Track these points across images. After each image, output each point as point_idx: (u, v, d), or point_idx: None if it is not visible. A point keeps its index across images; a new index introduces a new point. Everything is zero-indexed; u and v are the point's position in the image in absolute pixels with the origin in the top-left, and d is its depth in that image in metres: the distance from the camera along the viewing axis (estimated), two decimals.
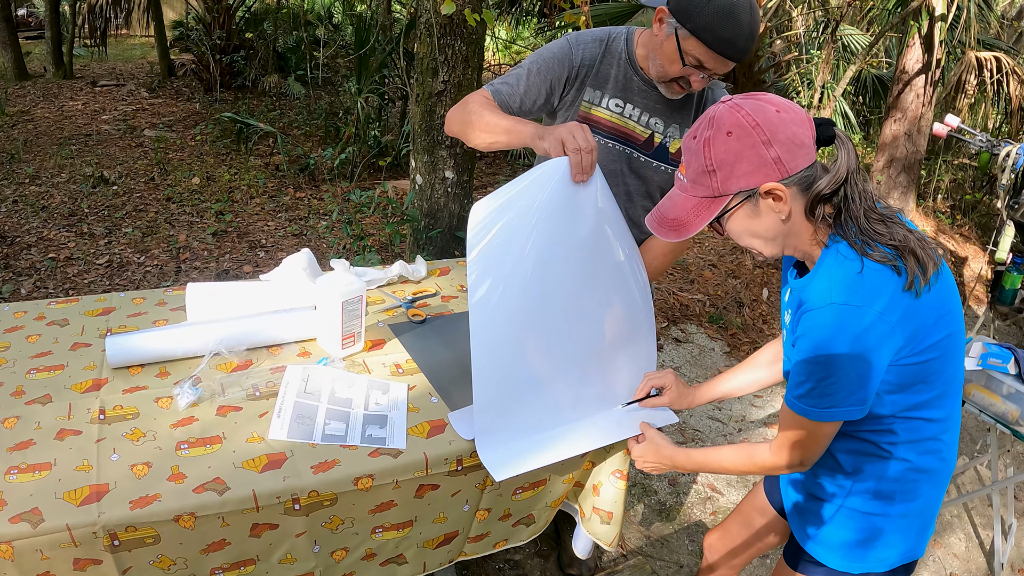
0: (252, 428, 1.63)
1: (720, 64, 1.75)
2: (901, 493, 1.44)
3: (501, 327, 1.63)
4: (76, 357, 1.82)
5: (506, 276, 1.61)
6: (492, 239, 1.59)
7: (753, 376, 1.82)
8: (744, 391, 1.84)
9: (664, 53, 1.81)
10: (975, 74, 6.87)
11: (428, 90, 3.45)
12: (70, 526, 1.33)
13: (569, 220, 1.69)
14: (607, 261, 1.81)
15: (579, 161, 1.63)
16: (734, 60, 1.74)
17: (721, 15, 1.68)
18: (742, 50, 1.72)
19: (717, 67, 1.76)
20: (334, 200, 5.75)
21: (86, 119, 7.48)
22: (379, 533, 1.67)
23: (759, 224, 1.33)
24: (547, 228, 1.65)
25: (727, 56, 1.72)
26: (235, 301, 2.00)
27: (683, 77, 1.83)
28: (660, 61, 1.83)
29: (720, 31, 1.69)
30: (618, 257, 1.83)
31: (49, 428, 1.56)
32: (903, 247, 1.26)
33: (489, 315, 1.60)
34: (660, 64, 1.84)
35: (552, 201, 1.65)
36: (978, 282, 5.79)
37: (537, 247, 1.64)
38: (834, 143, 1.31)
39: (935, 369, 1.33)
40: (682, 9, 1.72)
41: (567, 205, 1.68)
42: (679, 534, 2.85)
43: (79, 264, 4.44)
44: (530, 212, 1.63)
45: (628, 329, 1.90)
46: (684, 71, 1.80)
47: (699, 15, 1.70)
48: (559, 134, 1.64)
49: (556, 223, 1.67)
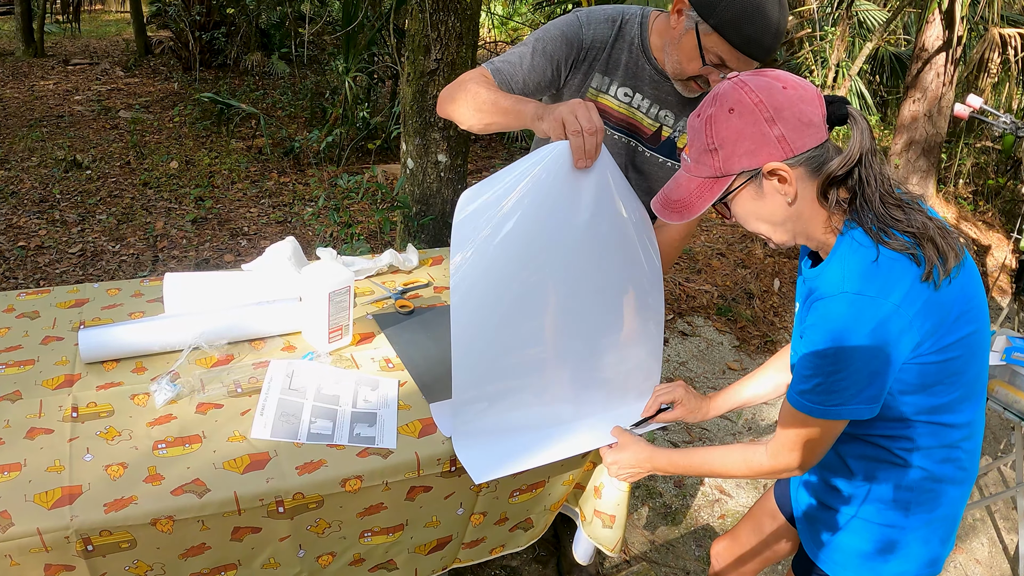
0: (233, 427, 1.63)
1: (743, 64, 1.68)
2: (917, 503, 1.43)
3: (484, 321, 1.62)
4: (47, 351, 1.82)
5: (492, 270, 1.59)
6: (478, 232, 1.55)
7: (773, 381, 1.78)
8: (764, 398, 1.81)
9: (682, 49, 1.74)
10: (999, 52, 6.85)
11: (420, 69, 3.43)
12: (41, 530, 1.32)
13: (567, 212, 1.64)
14: (614, 257, 1.78)
15: (580, 145, 1.55)
16: (758, 60, 1.67)
17: (749, 10, 1.60)
18: (768, 49, 1.65)
19: (740, 67, 1.67)
20: (320, 185, 5.74)
21: (58, 100, 7.45)
22: (368, 537, 1.67)
23: (764, 207, 1.32)
24: (541, 222, 1.61)
25: (752, 55, 1.65)
26: (215, 292, 1.99)
27: (702, 76, 1.76)
28: (677, 57, 1.76)
29: (746, 28, 1.61)
30: (631, 253, 1.80)
31: (19, 426, 1.56)
32: (922, 235, 1.25)
33: (471, 308, 1.59)
34: (677, 60, 1.77)
35: (548, 191, 1.59)
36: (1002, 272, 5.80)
37: (530, 243, 1.61)
38: (847, 122, 1.30)
39: (957, 369, 1.31)
40: (705, 2, 1.64)
41: (565, 195, 1.62)
42: (685, 539, 2.86)
43: (50, 253, 4.43)
44: (521, 204, 1.57)
45: (632, 329, 1.89)
46: (704, 70, 1.73)
47: (724, 9, 1.61)
48: (560, 114, 1.56)
49: (551, 216, 1.62)
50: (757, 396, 1.81)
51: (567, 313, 1.75)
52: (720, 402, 1.84)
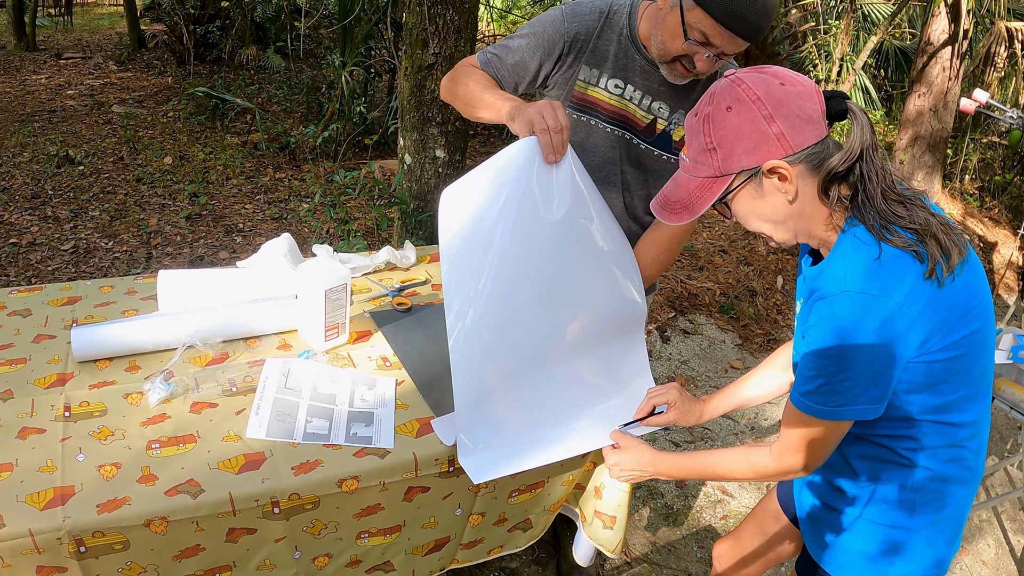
0: (228, 426, 1.63)
1: (729, 41, 1.67)
2: (923, 504, 1.43)
3: (478, 322, 1.63)
4: (39, 350, 1.82)
5: (480, 269, 1.61)
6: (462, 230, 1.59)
7: (770, 382, 1.77)
8: (760, 400, 1.80)
9: (666, 27, 1.74)
10: (1005, 46, 6.85)
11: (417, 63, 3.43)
12: (33, 531, 1.33)
13: (542, 204, 1.68)
14: (586, 249, 1.80)
15: (548, 141, 1.63)
16: (745, 38, 1.67)
17: None
18: (753, 26, 1.64)
19: (725, 44, 1.68)
20: (316, 181, 5.74)
21: (50, 94, 7.44)
22: (364, 539, 1.67)
23: (765, 206, 1.32)
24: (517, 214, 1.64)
25: (736, 32, 1.65)
26: (210, 290, 1.99)
27: (687, 56, 1.75)
28: (662, 36, 1.76)
29: (729, 2, 1.62)
30: (598, 243, 1.82)
31: (10, 426, 1.56)
32: (924, 231, 1.25)
33: (465, 309, 1.60)
34: (662, 40, 1.76)
35: (523, 184, 1.65)
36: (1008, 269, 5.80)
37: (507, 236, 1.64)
38: (847, 118, 1.30)
39: (962, 367, 1.31)
40: None
41: (539, 188, 1.67)
42: (687, 540, 2.86)
43: (43, 250, 4.43)
44: (499, 198, 1.62)
45: (614, 323, 1.90)
46: (687, 47, 1.72)
47: None
48: (528, 115, 1.64)
49: (527, 208, 1.66)
50: (753, 398, 1.80)
51: (552, 315, 1.77)
52: (715, 404, 1.83)
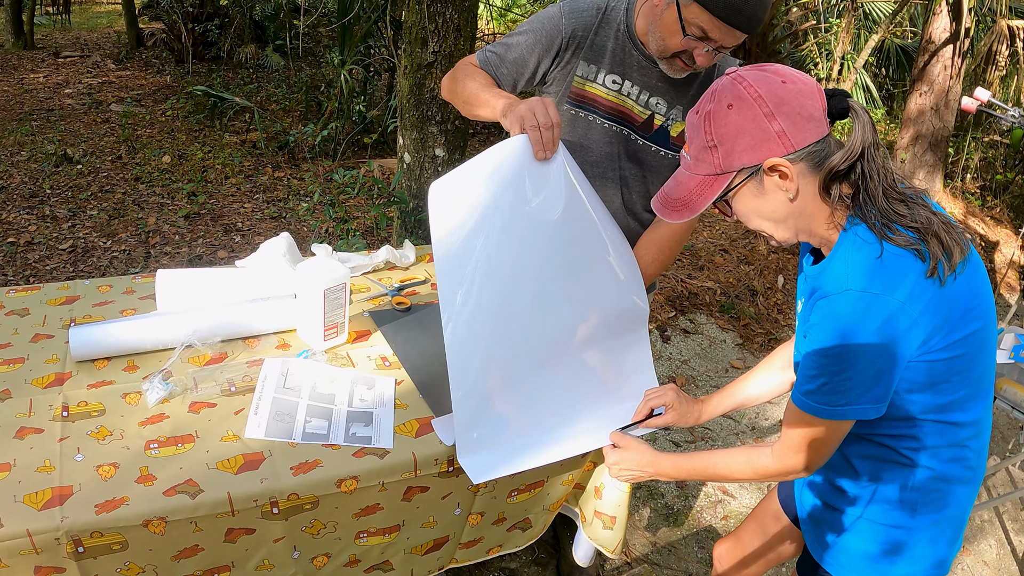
0: (227, 426, 1.63)
1: (726, 35, 1.68)
2: (924, 504, 1.43)
3: (473, 320, 1.63)
4: (37, 349, 1.82)
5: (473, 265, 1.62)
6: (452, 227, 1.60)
7: (769, 382, 1.77)
8: (760, 399, 1.80)
9: (664, 24, 1.74)
10: (1007, 44, 6.84)
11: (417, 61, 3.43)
12: (31, 531, 1.33)
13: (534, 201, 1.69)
14: (581, 247, 1.80)
15: (538, 138, 1.65)
16: (742, 31, 1.67)
17: None
18: (750, 18, 1.65)
19: (723, 38, 1.69)
20: (315, 180, 5.74)
21: (48, 93, 7.44)
22: (363, 538, 1.68)
23: (766, 204, 1.32)
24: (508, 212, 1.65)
25: (733, 24, 1.66)
26: (209, 289, 1.99)
27: (686, 52, 1.76)
28: (660, 33, 1.77)
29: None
30: (593, 241, 1.82)
31: (8, 426, 1.56)
32: (926, 230, 1.25)
33: (459, 308, 1.61)
34: (660, 36, 1.77)
35: (514, 182, 1.66)
36: (1010, 268, 5.80)
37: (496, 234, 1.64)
38: (849, 116, 1.31)
39: (964, 366, 1.31)
40: None
41: (530, 185, 1.68)
42: (688, 540, 2.86)
43: (41, 249, 4.43)
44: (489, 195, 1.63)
45: (614, 321, 1.90)
46: (686, 43, 1.73)
47: None
48: (519, 112, 1.66)
49: (518, 206, 1.67)
50: (753, 397, 1.80)
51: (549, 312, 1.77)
52: (714, 405, 1.83)
